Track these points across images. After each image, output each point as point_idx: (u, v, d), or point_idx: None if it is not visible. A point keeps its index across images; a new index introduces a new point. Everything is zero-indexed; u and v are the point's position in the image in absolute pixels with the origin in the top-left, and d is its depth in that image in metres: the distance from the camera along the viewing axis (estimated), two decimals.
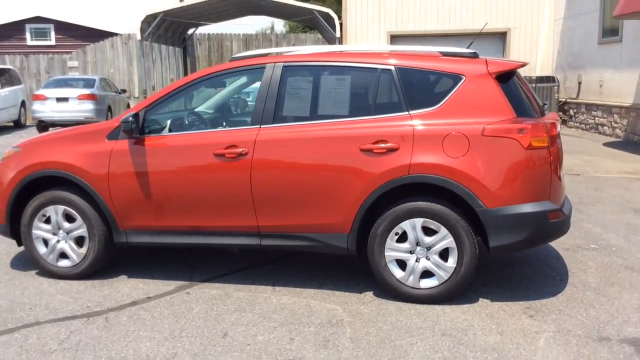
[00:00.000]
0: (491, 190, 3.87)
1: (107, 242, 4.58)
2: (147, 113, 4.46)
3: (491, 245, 3.95)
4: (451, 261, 4.01)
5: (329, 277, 4.62)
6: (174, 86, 4.55)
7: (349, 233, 4.13)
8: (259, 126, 4.25)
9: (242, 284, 4.51)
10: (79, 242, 4.62)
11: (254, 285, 4.50)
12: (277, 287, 4.46)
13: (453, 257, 4.01)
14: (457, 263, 4.00)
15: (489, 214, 3.88)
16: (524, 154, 3.88)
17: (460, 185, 3.89)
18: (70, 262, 4.63)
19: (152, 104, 4.47)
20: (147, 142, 4.41)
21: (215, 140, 4.31)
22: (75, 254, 4.61)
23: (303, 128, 4.21)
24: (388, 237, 4.07)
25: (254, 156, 4.18)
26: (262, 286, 4.47)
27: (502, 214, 3.88)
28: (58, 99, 16.16)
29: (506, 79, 4.09)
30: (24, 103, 18.68)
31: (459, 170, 3.89)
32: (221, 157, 4.24)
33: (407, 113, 4.06)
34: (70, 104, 16.19)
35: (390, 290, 4.16)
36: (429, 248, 4.04)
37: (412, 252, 4.07)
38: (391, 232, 4.06)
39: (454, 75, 4.08)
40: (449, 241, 3.99)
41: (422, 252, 4.05)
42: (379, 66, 4.20)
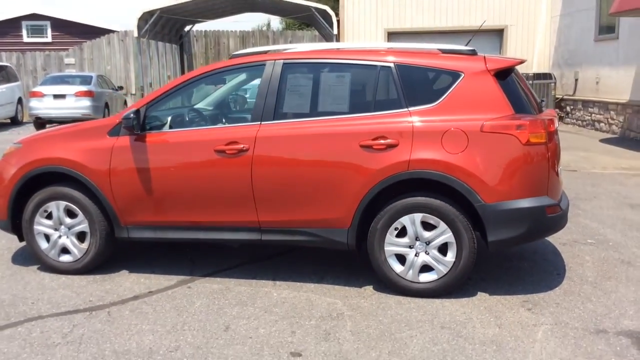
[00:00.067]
0: (490, 186, 3.92)
1: (109, 238, 4.62)
2: (148, 110, 4.49)
3: (490, 239, 4.00)
4: (450, 256, 4.06)
5: (328, 271, 4.66)
6: (174, 83, 4.59)
7: (349, 228, 4.17)
8: (259, 123, 4.29)
9: (243, 279, 4.55)
10: (81, 237, 4.65)
11: (254, 279, 4.54)
12: (277, 281, 4.50)
13: (452, 252, 4.05)
14: (456, 257, 4.05)
15: (487, 209, 3.93)
16: (522, 150, 3.93)
17: (459, 180, 3.93)
18: (72, 257, 4.66)
19: (153, 100, 4.51)
20: (148, 139, 4.44)
21: (216, 137, 4.34)
22: (77, 249, 4.64)
23: (303, 125, 4.25)
24: (388, 232, 4.11)
25: (255, 152, 4.22)
26: (263, 281, 4.51)
27: (501, 209, 3.93)
28: (55, 96, 16.16)
29: (504, 76, 4.14)
30: (21, 100, 18.66)
31: (457, 166, 3.93)
32: (222, 154, 4.27)
33: (406, 110, 4.10)
34: (68, 100, 16.19)
35: (390, 285, 4.21)
36: (428, 243, 4.08)
37: (411, 247, 4.12)
38: (391, 227, 4.10)
39: (452, 73, 4.12)
40: (448, 236, 4.03)
41: (421, 247, 4.10)
42: (379, 63, 4.23)
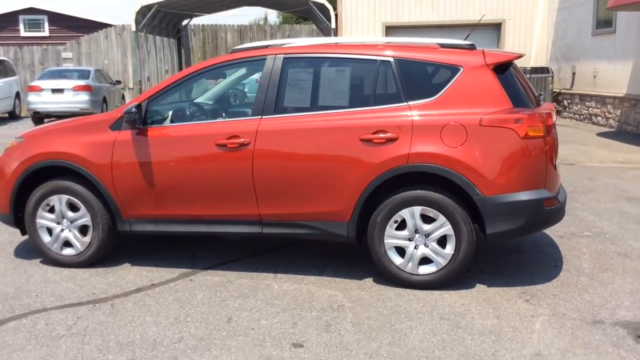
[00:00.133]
0: (488, 179, 3.96)
1: (111, 231, 4.66)
2: (150, 104, 4.52)
3: (488, 232, 4.05)
4: (449, 248, 4.11)
5: (329, 264, 4.71)
6: (176, 77, 4.62)
7: (349, 221, 4.22)
8: (260, 117, 4.32)
9: (244, 272, 4.60)
10: (83, 230, 4.69)
11: (255, 272, 4.59)
12: (278, 274, 4.55)
13: (451, 244, 4.10)
14: (455, 250, 4.10)
15: (486, 201, 3.98)
16: (520, 144, 3.98)
17: (458, 174, 3.98)
18: (75, 250, 4.70)
19: (154, 94, 4.54)
20: (149, 133, 4.48)
21: (217, 131, 4.38)
22: (79, 242, 4.68)
23: (304, 119, 4.28)
24: (387, 225, 4.16)
25: (256, 146, 4.26)
26: (264, 273, 4.56)
27: (499, 201, 3.97)
28: (53, 90, 16.17)
29: (503, 70, 4.18)
30: (19, 94, 18.65)
31: (456, 160, 3.97)
32: (223, 147, 4.31)
33: (406, 104, 4.14)
34: (66, 95, 16.20)
35: (389, 277, 4.26)
36: (427, 235, 4.13)
37: (410, 240, 4.16)
38: (390, 220, 4.15)
39: (452, 67, 4.16)
40: (447, 229, 4.08)
41: (420, 240, 4.15)
42: (379, 58, 4.27)
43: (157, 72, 22.02)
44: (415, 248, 4.16)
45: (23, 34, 28.91)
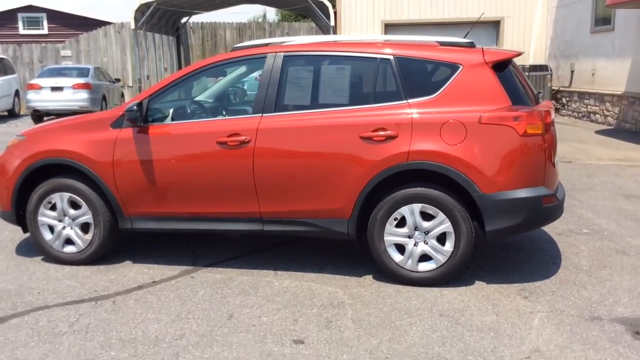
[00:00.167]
0: (487, 176, 3.99)
1: (112, 229, 4.68)
2: (151, 102, 4.54)
3: (487, 229, 4.08)
4: (448, 245, 4.14)
5: (329, 262, 4.74)
6: (177, 76, 4.64)
7: (349, 218, 4.24)
8: (261, 114, 4.35)
9: (245, 269, 4.63)
10: (84, 228, 4.71)
11: (256, 270, 4.61)
12: (278, 271, 4.58)
13: (450, 241, 4.13)
14: (454, 247, 4.12)
15: (485, 199, 4.01)
16: (519, 141, 4.00)
17: (458, 171, 4.01)
18: (76, 248, 4.73)
19: (155, 92, 4.56)
20: (151, 131, 4.50)
21: (217, 129, 4.40)
22: (81, 240, 4.70)
23: (304, 116, 4.31)
24: (387, 222, 4.18)
25: (257, 144, 4.28)
26: (264, 271, 4.59)
27: (498, 199, 4.00)
28: (53, 88, 16.18)
29: (502, 68, 4.20)
30: (18, 92, 18.64)
31: (456, 157, 4.00)
32: (224, 145, 4.33)
33: (405, 102, 4.17)
34: (65, 93, 16.21)
35: (389, 274, 4.29)
36: (427, 232, 4.16)
37: (410, 237, 4.19)
38: (390, 217, 4.17)
39: (451, 65, 4.19)
40: (446, 226, 4.11)
41: (420, 237, 4.18)
42: (379, 56, 4.29)
43: (156, 70, 22.02)
44: (414, 245, 4.19)
45: (22, 31, 28.92)
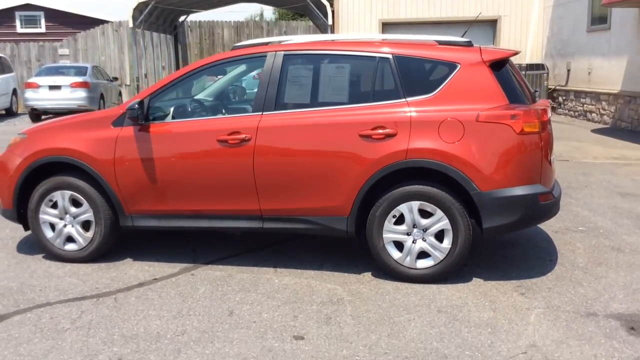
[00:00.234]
0: (485, 174, 4.04)
1: (113, 226, 4.72)
2: (152, 100, 4.57)
3: (484, 226, 4.13)
4: (446, 242, 4.19)
5: (328, 259, 4.79)
6: (177, 74, 4.67)
7: (348, 216, 4.29)
8: (261, 113, 4.39)
9: (245, 266, 4.67)
10: (86, 226, 4.75)
11: (255, 267, 4.65)
12: (278, 268, 4.62)
13: (448, 239, 4.18)
14: (452, 244, 4.17)
15: (482, 196, 4.05)
16: (516, 139, 4.05)
17: (456, 169, 4.05)
18: (77, 245, 4.76)
19: (156, 91, 4.59)
20: (152, 129, 4.53)
21: (218, 127, 4.44)
22: (82, 237, 4.74)
23: (304, 115, 4.35)
24: (386, 220, 4.23)
25: (257, 142, 4.32)
26: (264, 268, 4.63)
27: (496, 196, 4.05)
28: (51, 87, 16.19)
29: (499, 66, 4.25)
30: (16, 91, 18.64)
31: (454, 155, 4.05)
32: (224, 143, 4.37)
33: (404, 100, 4.21)
34: (63, 91, 16.21)
35: (388, 271, 4.33)
36: (425, 230, 4.21)
37: (409, 234, 4.24)
38: (389, 215, 4.22)
39: (449, 64, 4.23)
40: (444, 223, 4.16)
41: (418, 234, 4.22)
42: (378, 55, 4.34)
43: (154, 69, 22.03)
44: (413, 242, 4.23)
45: (19, 30, 28.89)
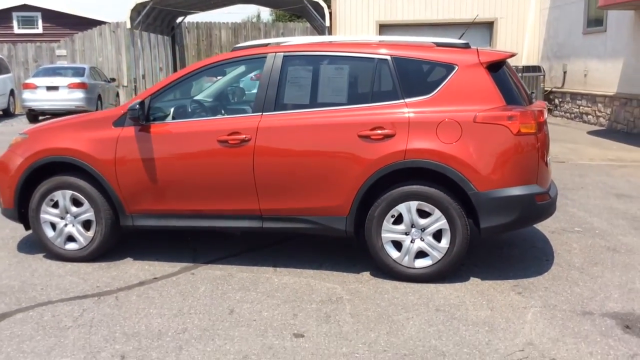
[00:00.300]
0: (482, 174, 4.09)
1: (114, 226, 4.75)
2: (153, 101, 4.61)
3: (482, 226, 4.18)
4: (444, 242, 4.23)
5: (327, 258, 4.83)
6: (178, 75, 4.71)
7: (347, 216, 4.33)
8: (260, 113, 4.43)
9: (244, 266, 4.71)
10: (86, 225, 4.78)
11: (255, 266, 4.70)
12: (278, 268, 4.66)
13: (446, 238, 4.23)
14: (450, 244, 4.22)
15: (480, 196, 4.10)
16: (513, 140, 4.10)
17: (453, 169, 4.10)
18: (78, 245, 4.79)
19: (157, 91, 4.63)
20: (152, 129, 4.57)
21: (218, 127, 4.48)
22: (83, 237, 4.77)
23: (303, 115, 4.39)
24: (385, 220, 4.27)
25: (257, 142, 4.36)
26: (264, 267, 4.67)
27: (493, 196, 4.10)
28: (48, 88, 16.20)
29: (496, 68, 4.30)
30: (13, 92, 18.65)
31: (452, 156, 4.10)
32: (225, 144, 4.41)
33: (402, 101, 4.26)
34: (61, 92, 16.22)
35: (386, 270, 4.38)
36: (423, 229, 4.25)
37: (407, 234, 4.28)
38: (387, 215, 4.26)
39: (447, 65, 4.28)
40: (442, 223, 4.20)
41: (416, 234, 4.27)
42: (376, 56, 4.39)
43: (151, 70, 22.03)
44: (411, 242, 4.28)
45: (17, 31, 28.85)
